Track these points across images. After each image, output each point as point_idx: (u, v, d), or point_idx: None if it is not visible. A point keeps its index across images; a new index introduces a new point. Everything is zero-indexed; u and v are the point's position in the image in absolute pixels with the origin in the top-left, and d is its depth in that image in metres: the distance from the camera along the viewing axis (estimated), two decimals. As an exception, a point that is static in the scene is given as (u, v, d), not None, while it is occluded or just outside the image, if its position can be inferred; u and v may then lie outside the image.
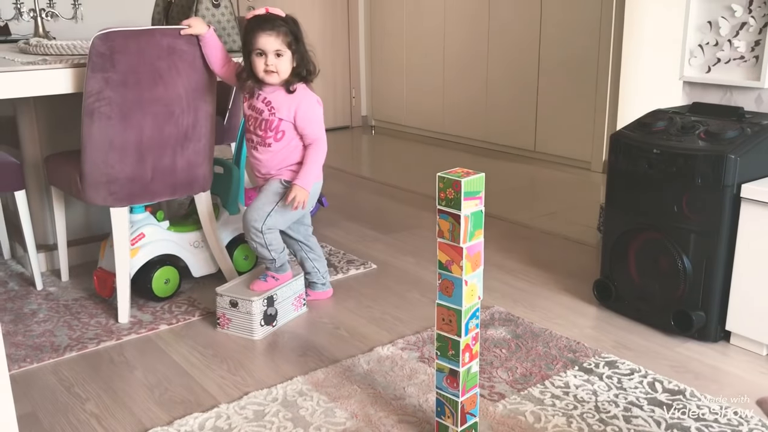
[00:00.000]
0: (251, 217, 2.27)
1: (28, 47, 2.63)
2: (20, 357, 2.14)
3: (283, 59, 2.18)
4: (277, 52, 2.17)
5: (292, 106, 2.22)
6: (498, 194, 3.87)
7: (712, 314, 2.14)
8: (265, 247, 2.29)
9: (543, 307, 2.46)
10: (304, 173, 2.23)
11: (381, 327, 2.33)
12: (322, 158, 2.28)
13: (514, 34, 4.76)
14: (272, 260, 2.31)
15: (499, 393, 1.91)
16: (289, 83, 2.22)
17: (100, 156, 2.25)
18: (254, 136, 2.28)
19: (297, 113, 2.22)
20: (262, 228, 2.26)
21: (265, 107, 2.24)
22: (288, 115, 2.22)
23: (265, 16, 2.19)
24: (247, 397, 1.90)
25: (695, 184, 2.08)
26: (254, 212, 2.27)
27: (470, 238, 1.53)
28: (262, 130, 2.25)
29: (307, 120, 2.24)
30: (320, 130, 2.27)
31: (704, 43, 2.39)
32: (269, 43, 2.16)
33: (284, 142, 2.25)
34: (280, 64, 2.17)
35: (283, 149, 2.26)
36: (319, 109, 2.28)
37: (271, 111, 2.23)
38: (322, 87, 5.88)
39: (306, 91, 2.26)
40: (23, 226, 2.55)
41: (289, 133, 2.25)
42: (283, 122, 2.23)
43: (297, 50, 2.20)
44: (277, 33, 2.16)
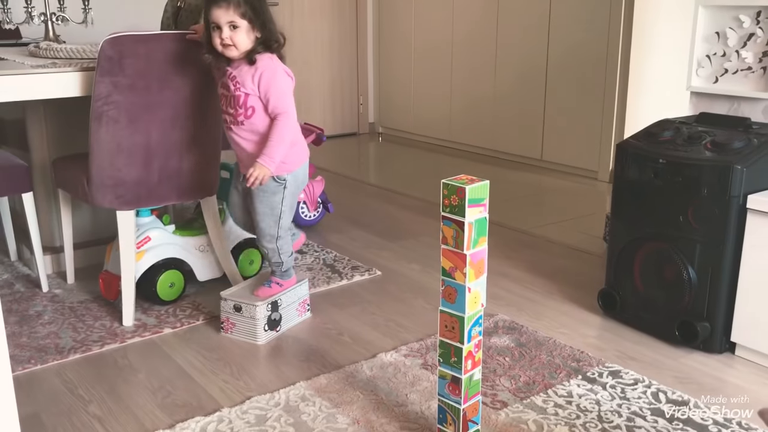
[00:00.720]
0: (263, 227, 2.24)
1: (38, 51, 2.65)
2: (24, 358, 2.14)
3: (239, 31, 2.04)
4: (232, 24, 2.03)
5: (255, 77, 2.09)
6: (504, 202, 3.86)
7: (717, 325, 2.13)
8: (276, 252, 2.29)
9: (547, 316, 2.46)
10: (267, 151, 2.10)
11: (385, 333, 2.33)
12: (287, 134, 2.12)
13: (522, 42, 4.77)
14: (280, 263, 2.31)
15: (502, 401, 1.90)
16: (250, 54, 2.08)
17: (107, 159, 2.26)
18: (227, 115, 2.17)
19: (260, 83, 2.09)
20: (277, 233, 2.26)
21: (231, 83, 2.12)
22: (252, 88, 2.09)
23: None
24: (250, 402, 1.90)
25: (701, 194, 2.08)
26: (263, 219, 2.24)
27: (474, 245, 1.53)
28: (233, 108, 2.13)
29: (270, 89, 2.09)
30: (285, 102, 2.11)
31: (712, 54, 2.39)
32: (222, 15, 2.03)
33: (256, 120, 2.13)
34: (235, 36, 2.04)
35: (255, 127, 2.14)
36: (284, 80, 2.13)
37: (236, 86, 2.11)
38: (329, 93, 5.91)
39: (270, 61, 2.12)
40: (30, 228, 2.57)
41: (259, 109, 2.12)
42: (250, 97, 2.10)
43: (256, 20, 2.06)
44: (228, 4, 2.02)
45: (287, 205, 2.25)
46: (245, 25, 2.05)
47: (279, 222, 2.25)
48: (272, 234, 2.26)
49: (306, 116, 5.73)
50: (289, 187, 2.23)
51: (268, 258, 2.32)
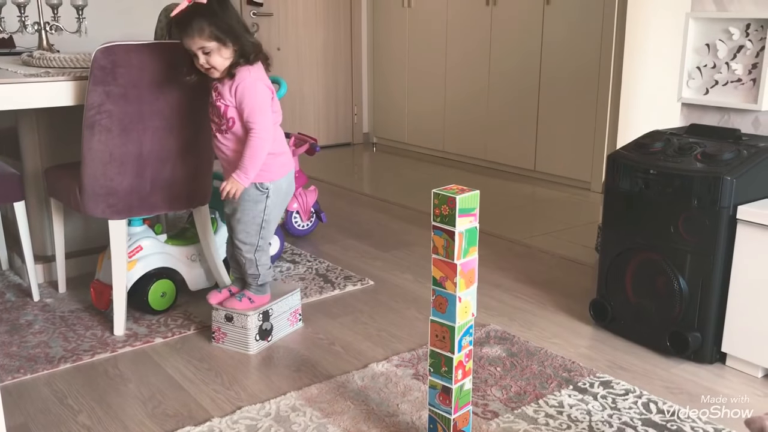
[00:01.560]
0: (243, 236, 2.22)
1: (31, 59, 2.65)
2: (14, 368, 2.13)
3: (213, 54, 2.03)
4: (202, 50, 2.03)
5: (233, 88, 2.08)
6: (497, 213, 3.87)
7: (708, 336, 2.13)
8: (254, 263, 2.26)
9: (539, 326, 2.46)
10: (242, 166, 2.10)
11: (376, 343, 2.33)
12: (260, 148, 2.10)
13: (516, 54, 4.79)
14: (257, 276, 2.27)
15: (493, 411, 1.90)
16: (230, 70, 2.07)
17: (99, 168, 2.26)
18: (213, 123, 2.18)
19: (236, 95, 2.08)
20: (257, 243, 2.25)
21: (215, 95, 2.13)
22: (231, 100, 2.10)
23: (178, 17, 2.03)
24: (240, 412, 1.89)
25: (692, 205, 2.09)
26: (245, 228, 2.22)
27: (464, 254, 1.53)
28: (218, 117, 2.14)
29: (243, 100, 2.08)
30: (258, 114, 2.09)
31: (702, 66, 2.41)
32: (191, 44, 2.03)
33: (237, 130, 2.13)
34: (211, 59, 2.04)
35: (237, 137, 2.14)
36: (261, 93, 2.10)
37: (217, 97, 2.12)
38: (324, 103, 5.92)
39: (248, 73, 2.09)
40: (22, 237, 2.56)
41: (238, 121, 2.12)
42: (229, 108, 2.11)
43: (226, 38, 2.03)
44: (192, 33, 2.01)
45: (270, 215, 2.23)
46: (215, 46, 2.03)
47: (260, 232, 2.24)
48: (252, 243, 2.24)
49: (300, 126, 5.74)
50: (271, 196, 2.21)
51: (245, 269, 2.28)
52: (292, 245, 3.31)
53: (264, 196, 2.20)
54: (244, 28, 2.09)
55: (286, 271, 2.98)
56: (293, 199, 3.36)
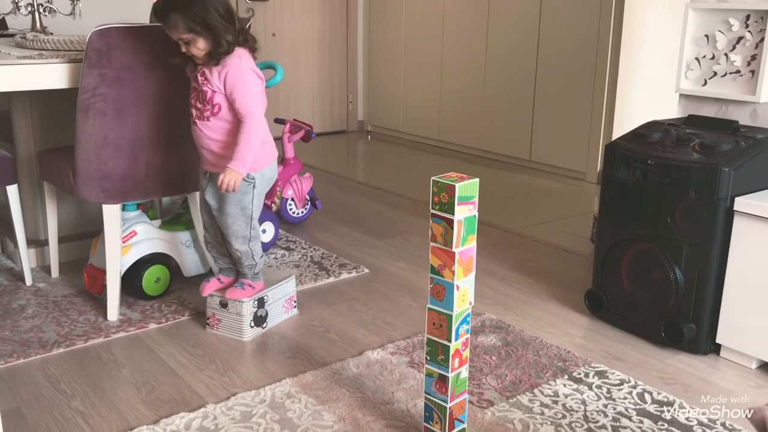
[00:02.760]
0: (235, 229, 2.20)
1: (24, 41, 2.62)
2: (7, 352, 2.12)
3: (191, 44, 2.04)
4: (181, 40, 2.04)
5: (222, 74, 2.07)
6: (492, 202, 3.87)
7: (703, 327, 2.14)
8: (250, 254, 2.25)
9: (534, 316, 2.46)
10: (236, 155, 2.08)
11: (371, 331, 2.32)
12: (254, 137, 2.09)
13: (512, 43, 4.78)
14: (253, 265, 2.27)
15: (488, 400, 1.90)
16: (210, 58, 2.06)
17: (93, 152, 2.24)
18: (194, 109, 2.15)
19: (225, 81, 2.07)
20: (250, 234, 2.23)
21: (201, 78, 2.11)
22: (219, 85, 2.08)
23: (156, 8, 2.05)
24: (235, 398, 1.89)
25: (689, 196, 2.09)
26: (235, 221, 2.19)
27: (463, 242, 1.52)
28: (201, 103, 2.12)
29: (235, 87, 2.07)
30: (250, 102, 2.08)
31: (701, 57, 2.40)
32: (171, 34, 2.05)
33: (221, 117, 2.11)
34: (190, 48, 2.05)
35: (221, 124, 2.12)
36: (251, 79, 2.09)
37: (204, 82, 2.10)
38: (319, 90, 5.89)
39: (238, 59, 2.08)
40: (14, 221, 2.54)
41: (224, 108, 2.10)
42: (216, 94, 2.09)
43: (202, 31, 2.02)
44: (168, 26, 2.03)
45: (256, 204, 2.22)
46: (191, 38, 2.03)
47: (251, 222, 2.22)
48: (245, 236, 2.22)
49: (295, 113, 5.72)
50: (258, 186, 2.20)
51: (240, 262, 2.25)
52: (286, 232, 3.30)
53: (251, 186, 2.18)
54: (224, 16, 2.03)
55: (280, 258, 2.96)
56: (288, 186, 3.35)
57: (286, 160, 3.35)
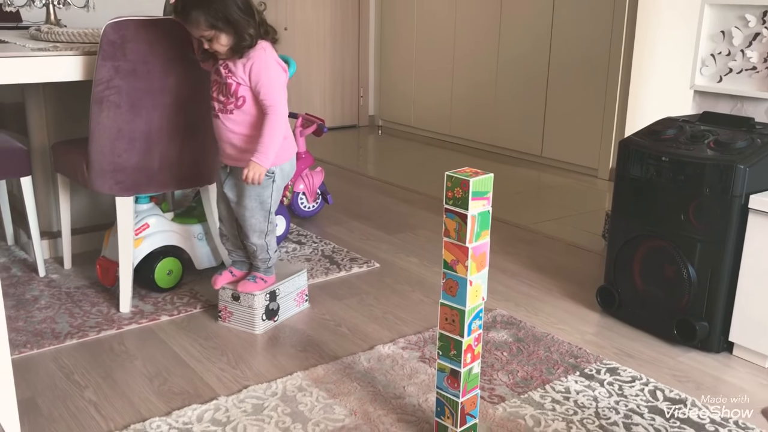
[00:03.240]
0: (253, 222, 2.21)
1: (39, 34, 2.63)
2: (21, 342, 2.13)
3: (214, 40, 2.03)
4: (204, 37, 2.03)
5: (247, 67, 2.07)
6: (503, 198, 3.86)
7: (716, 325, 2.13)
8: (265, 248, 2.26)
9: (545, 312, 2.45)
10: (260, 148, 2.07)
11: (382, 326, 2.32)
12: (278, 129, 2.10)
13: (525, 38, 4.76)
14: (268, 259, 2.27)
15: (499, 395, 1.90)
16: (234, 52, 2.06)
17: (107, 144, 2.25)
18: (216, 102, 2.14)
19: (251, 73, 2.07)
20: (267, 228, 2.24)
21: (223, 71, 2.10)
22: (243, 78, 2.08)
23: (177, 6, 2.04)
24: (247, 391, 1.89)
25: (703, 193, 2.08)
26: (254, 215, 2.21)
27: (476, 238, 1.52)
28: (224, 96, 2.11)
29: (260, 79, 2.07)
30: (276, 94, 2.08)
31: (716, 53, 2.38)
32: (192, 31, 2.05)
33: (246, 110, 2.11)
34: (214, 45, 2.04)
35: (245, 117, 2.12)
36: (276, 71, 2.10)
37: (228, 74, 2.09)
38: (330, 85, 5.89)
39: (263, 51, 2.08)
40: (28, 213, 2.55)
41: (249, 100, 2.10)
42: (241, 87, 2.09)
43: (225, 27, 2.01)
44: (190, 23, 2.02)
45: (275, 198, 2.23)
46: (214, 34, 2.02)
47: (268, 217, 2.23)
48: (262, 230, 2.23)
49: (306, 107, 5.72)
50: (277, 180, 2.20)
51: (255, 255, 2.26)
52: (297, 226, 3.30)
53: (270, 180, 2.19)
54: (244, 10, 2.03)
55: (291, 251, 2.97)
56: (300, 180, 3.35)
57: (298, 155, 3.34)
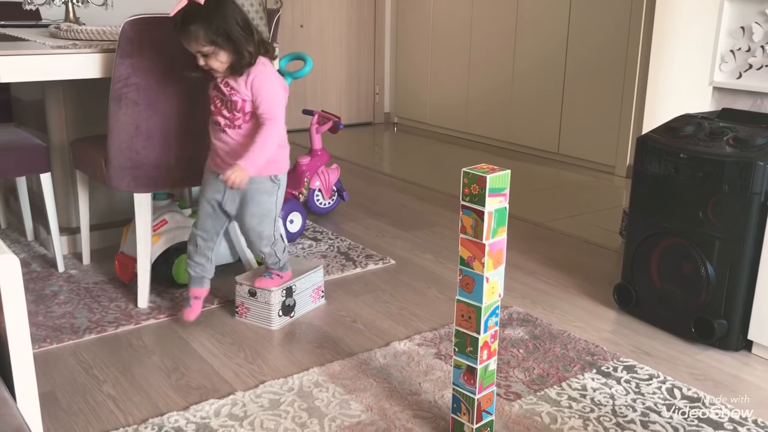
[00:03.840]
0: (260, 231, 2.20)
1: (58, 32, 2.65)
2: (41, 337, 2.16)
3: (212, 57, 1.99)
4: (200, 53, 2.00)
5: (248, 82, 2.05)
6: (520, 195, 3.84)
7: (735, 323, 2.11)
8: (274, 254, 2.25)
9: (562, 309, 2.45)
10: (250, 155, 2.03)
11: (398, 322, 2.33)
12: (272, 141, 2.07)
13: (541, 35, 4.74)
14: (278, 261, 2.27)
15: (516, 393, 1.90)
16: (233, 70, 2.03)
17: (125, 141, 2.27)
18: (221, 117, 2.11)
19: (252, 86, 2.05)
20: (274, 236, 2.24)
21: (225, 89, 2.08)
22: (247, 94, 2.06)
23: (176, 18, 1.99)
24: (263, 386, 1.90)
25: (722, 190, 2.06)
26: (261, 223, 2.19)
27: (493, 234, 1.52)
28: (230, 111, 2.09)
29: (261, 92, 2.05)
30: (276, 108, 2.07)
31: (736, 49, 2.36)
32: (189, 47, 2.01)
33: (253, 124, 2.09)
34: (210, 62, 2.00)
35: (252, 131, 2.09)
36: (277, 85, 2.09)
37: (231, 92, 2.07)
38: (346, 82, 5.90)
39: (263, 66, 2.07)
40: (47, 209, 2.58)
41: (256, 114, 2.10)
42: (247, 103, 2.07)
43: (224, 43, 1.97)
44: (188, 38, 1.98)
45: (280, 205, 2.23)
46: (212, 50, 1.98)
47: (274, 223, 2.22)
48: (269, 237, 2.22)
49: (321, 104, 5.73)
50: (281, 187, 2.21)
51: (266, 261, 2.27)
52: (313, 223, 3.31)
53: (277, 187, 2.20)
54: (244, 27, 2.00)
55: (308, 248, 2.98)
56: (316, 177, 3.35)
57: (314, 151, 3.36)
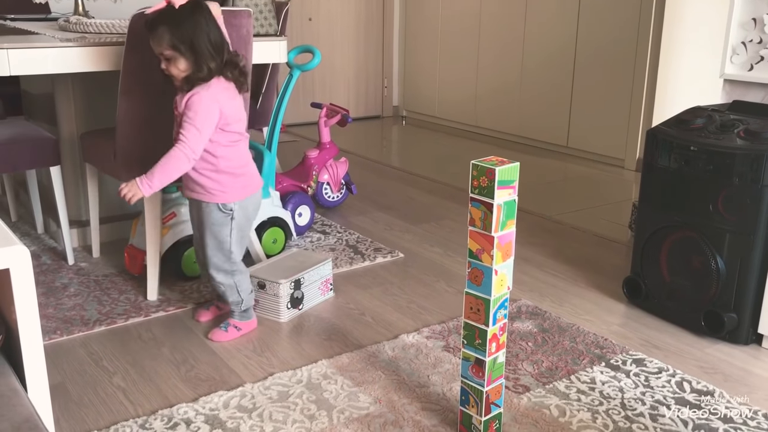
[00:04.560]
0: (215, 261, 2.08)
1: (68, 25, 2.66)
2: (51, 329, 2.17)
3: (171, 62, 1.94)
4: (163, 55, 1.95)
5: (185, 99, 1.96)
6: (529, 189, 3.83)
7: (745, 316, 2.10)
8: (234, 289, 2.12)
9: (571, 303, 2.44)
10: (151, 170, 1.94)
11: (406, 315, 2.33)
12: (179, 163, 1.94)
13: (551, 28, 4.71)
14: (239, 302, 2.14)
15: (524, 385, 1.89)
16: (186, 84, 1.96)
17: (134, 134, 2.27)
18: (175, 133, 2.03)
19: (185, 103, 1.95)
20: (231, 267, 2.11)
21: (176, 105, 2.02)
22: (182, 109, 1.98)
23: (150, 16, 1.96)
24: (272, 378, 1.91)
25: (733, 183, 2.05)
26: (214, 253, 2.07)
27: (502, 227, 1.52)
28: (178, 128, 2.00)
29: (188, 111, 1.94)
30: (193, 129, 1.92)
31: (747, 41, 2.34)
32: (154, 46, 1.96)
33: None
34: (170, 66, 1.95)
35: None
36: (209, 109, 1.94)
37: (175, 107, 2.02)
38: (354, 75, 5.89)
39: (206, 88, 1.96)
40: (57, 202, 2.59)
41: None
42: None
43: (186, 52, 1.92)
44: (154, 38, 1.94)
45: (235, 237, 2.09)
46: (172, 55, 1.94)
47: (230, 256, 2.09)
48: (225, 269, 2.09)
49: (330, 97, 5.73)
50: (236, 218, 2.07)
51: (225, 296, 2.14)
52: (322, 216, 3.32)
53: (229, 218, 2.06)
54: (213, 45, 1.95)
55: (316, 241, 2.98)
56: (324, 171, 3.36)
57: (323, 145, 3.36)
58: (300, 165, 3.34)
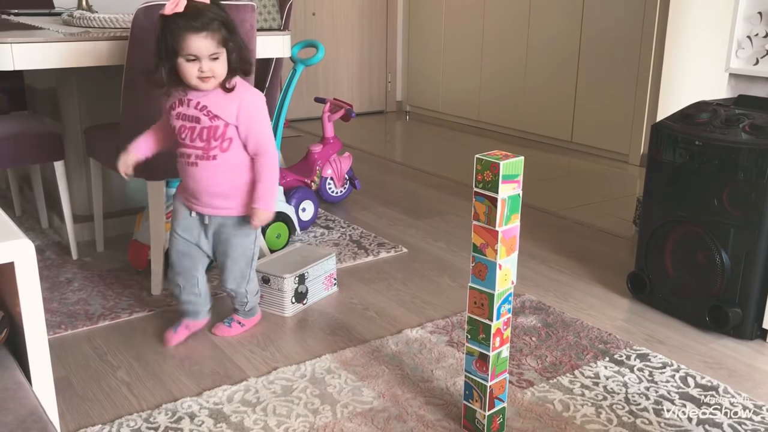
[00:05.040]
0: (237, 269, 2.03)
1: (71, 19, 2.66)
2: (55, 323, 2.17)
3: (219, 61, 1.80)
4: (213, 56, 1.79)
5: (234, 105, 1.85)
6: (533, 183, 3.83)
7: (749, 311, 2.10)
8: (244, 295, 2.10)
9: (575, 298, 2.44)
10: (263, 192, 1.89)
11: (410, 310, 2.33)
12: (274, 173, 1.91)
13: (555, 22, 4.70)
14: (245, 303, 2.12)
15: (528, 380, 1.89)
16: (225, 82, 1.84)
17: (139, 129, 2.27)
18: (191, 149, 1.89)
19: (240, 113, 1.85)
20: (249, 276, 2.07)
21: (200, 113, 1.86)
22: (231, 117, 1.85)
23: (191, 11, 1.76)
24: (276, 373, 1.91)
25: (738, 177, 2.04)
26: (238, 262, 2.02)
27: (506, 221, 1.51)
28: (204, 141, 1.87)
29: (252, 124, 1.86)
30: (268, 135, 1.90)
31: (753, 35, 2.33)
32: (203, 47, 1.77)
33: (232, 153, 1.89)
34: (216, 68, 1.80)
35: (230, 162, 1.90)
36: (266, 113, 1.90)
37: (210, 116, 1.85)
38: (358, 70, 5.88)
39: (247, 86, 1.90)
40: (61, 197, 2.60)
41: (236, 141, 1.88)
42: (229, 127, 1.86)
43: (233, 45, 1.82)
44: (207, 33, 1.76)
45: (258, 245, 2.09)
46: (225, 54, 1.81)
47: (251, 263, 2.06)
48: (244, 277, 2.05)
49: (333, 92, 5.72)
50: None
51: (233, 300, 2.12)
52: (325, 211, 3.31)
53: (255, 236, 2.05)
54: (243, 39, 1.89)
55: (320, 236, 2.98)
56: (328, 165, 3.35)
57: (326, 140, 3.35)
58: (303, 160, 3.34)
